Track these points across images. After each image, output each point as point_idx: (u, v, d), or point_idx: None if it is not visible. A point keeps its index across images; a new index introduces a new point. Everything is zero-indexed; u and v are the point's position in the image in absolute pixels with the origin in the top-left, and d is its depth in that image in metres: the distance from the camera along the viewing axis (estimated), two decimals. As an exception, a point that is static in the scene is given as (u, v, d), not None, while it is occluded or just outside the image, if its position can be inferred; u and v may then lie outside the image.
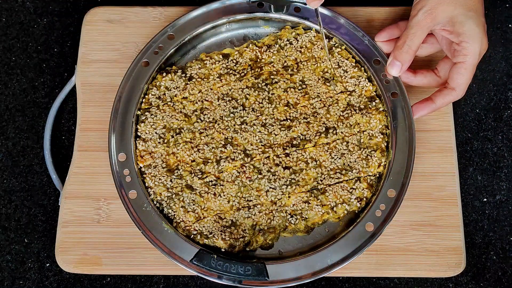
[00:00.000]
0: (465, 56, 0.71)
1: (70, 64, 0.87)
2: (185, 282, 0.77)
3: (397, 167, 0.74)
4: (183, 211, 0.72)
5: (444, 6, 0.70)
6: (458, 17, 0.70)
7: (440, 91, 0.74)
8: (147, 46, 0.79)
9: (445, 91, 0.74)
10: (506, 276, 0.78)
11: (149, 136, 0.75)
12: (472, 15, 0.70)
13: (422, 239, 0.75)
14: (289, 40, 0.80)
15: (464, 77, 0.72)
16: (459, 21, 0.70)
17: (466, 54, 0.70)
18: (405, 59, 0.73)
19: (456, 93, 0.73)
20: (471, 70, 0.71)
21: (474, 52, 0.70)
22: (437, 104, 0.74)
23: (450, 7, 0.70)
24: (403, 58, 0.73)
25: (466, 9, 0.70)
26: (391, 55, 0.74)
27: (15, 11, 0.90)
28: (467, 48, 0.70)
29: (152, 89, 0.78)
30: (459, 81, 0.72)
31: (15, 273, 0.77)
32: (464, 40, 0.70)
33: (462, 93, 0.73)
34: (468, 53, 0.70)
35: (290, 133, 0.75)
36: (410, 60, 0.73)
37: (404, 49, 0.72)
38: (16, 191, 0.81)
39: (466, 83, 0.73)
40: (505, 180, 0.81)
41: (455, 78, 0.72)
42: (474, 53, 0.70)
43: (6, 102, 0.85)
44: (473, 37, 0.70)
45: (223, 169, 0.74)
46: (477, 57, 0.71)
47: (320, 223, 0.74)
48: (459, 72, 0.72)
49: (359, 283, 0.77)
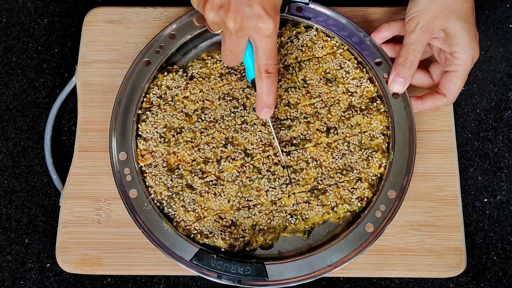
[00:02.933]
0: (457, 65, 0.72)
1: (71, 64, 0.87)
2: (186, 282, 0.77)
3: (398, 168, 0.74)
4: (183, 211, 0.72)
5: (439, 20, 0.71)
6: (451, 29, 0.71)
7: (432, 95, 0.75)
8: (148, 45, 0.79)
9: (436, 96, 0.75)
10: (506, 277, 0.78)
11: (150, 135, 0.76)
12: (465, 26, 0.71)
13: (422, 239, 0.75)
14: (290, 38, 0.80)
15: (456, 85, 0.73)
16: (452, 33, 0.71)
17: (459, 64, 0.72)
18: (409, 75, 0.74)
19: (447, 100, 0.74)
20: (462, 79, 0.73)
21: (467, 61, 0.72)
22: (425, 106, 0.76)
23: (444, 20, 0.71)
24: (407, 74, 0.74)
25: (459, 20, 0.71)
26: (392, 73, 0.75)
27: (15, 12, 0.90)
28: (460, 58, 0.71)
29: (153, 88, 0.78)
30: (451, 89, 0.73)
31: (15, 273, 0.77)
32: (456, 50, 0.71)
33: (452, 100, 0.75)
34: (461, 63, 0.72)
35: (290, 133, 0.76)
36: (413, 75, 0.74)
37: (407, 65, 0.73)
38: (16, 191, 0.81)
39: (458, 90, 0.74)
40: (505, 181, 0.81)
41: (447, 86, 0.73)
42: (467, 62, 0.72)
43: (6, 102, 0.85)
44: (465, 47, 0.71)
45: (224, 168, 0.74)
46: (469, 67, 0.72)
47: (320, 223, 0.74)
48: (451, 80, 0.73)
49: (359, 283, 0.77)
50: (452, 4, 0.71)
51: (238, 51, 0.67)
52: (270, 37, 0.65)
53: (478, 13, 0.89)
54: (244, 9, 0.63)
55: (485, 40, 0.89)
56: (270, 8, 0.64)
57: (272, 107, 0.70)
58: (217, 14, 0.64)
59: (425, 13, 0.71)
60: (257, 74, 0.68)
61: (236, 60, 0.69)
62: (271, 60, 0.67)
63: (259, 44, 0.66)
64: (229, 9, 0.63)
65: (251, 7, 0.63)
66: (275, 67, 0.68)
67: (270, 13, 0.64)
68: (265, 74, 0.67)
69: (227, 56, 0.68)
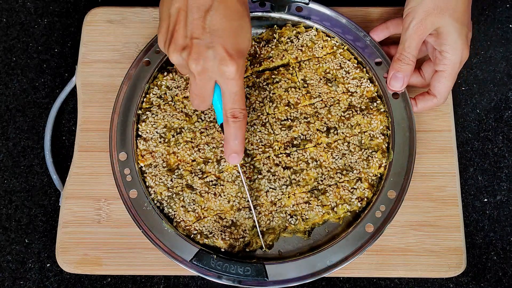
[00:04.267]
0: (445, 65, 0.72)
1: (71, 64, 0.87)
2: (186, 282, 0.77)
3: (398, 168, 0.74)
4: (184, 211, 0.72)
5: (432, 17, 0.71)
6: (443, 28, 0.71)
7: (423, 96, 0.76)
8: (149, 45, 0.79)
9: (427, 96, 0.75)
10: (506, 277, 0.78)
11: (150, 135, 0.75)
12: (456, 26, 0.71)
13: (422, 239, 0.75)
14: (290, 38, 0.80)
15: (444, 85, 0.73)
16: (444, 32, 0.71)
17: (446, 64, 0.72)
18: (406, 70, 0.74)
19: (437, 100, 0.75)
20: (451, 79, 0.73)
21: (454, 62, 0.72)
22: (418, 107, 0.76)
23: (437, 18, 0.71)
24: (404, 69, 0.74)
25: (452, 19, 0.71)
26: (391, 70, 0.75)
27: (15, 12, 0.90)
28: (448, 58, 0.72)
29: (153, 89, 0.78)
30: (440, 89, 0.74)
31: (15, 273, 0.77)
32: (445, 50, 0.72)
33: (443, 100, 0.75)
34: (448, 63, 0.72)
35: (291, 133, 0.75)
36: (411, 71, 0.74)
37: (404, 60, 0.73)
38: (16, 191, 0.81)
39: (447, 91, 0.74)
40: (505, 181, 0.81)
41: (436, 85, 0.74)
42: (454, 63, 0.72)
43: (6, 102, 0.85)
44: (454, 48, 0.71)
45: (224, 169, 0.74)
46: (457, 67, 0.72)
47: (320, 224, 0.74)
48: (439, 80, 0.73)
49: (359, 283, 0.77)
50: (446, 1, 0.71)
51: (204, 95, 0.65)
52: (234, 80, 0.63)
53: (478, 13, 0.89)
54: (206, 51, 0.61)
55: (485, 40, 0.89)
56: (234, 50, 0.62)
57: (240, 153, 0.67)
58: (181, 56, 0.63)
59: (418, 9, 0.71)
60: (224, 118, 0.66)
61: (204, 104, 0.66)
62: (237, 104, 0.65)
63: (224, 87, 0.64)
64: (191, 51, 0.62)
65: (214, 49, 0.61)
66: (242, 111, 0.65)
67: (233, 56, 0.62)
68: (232, 119, 0.65)
69: (194, 99, 0.66)
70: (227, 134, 0.66)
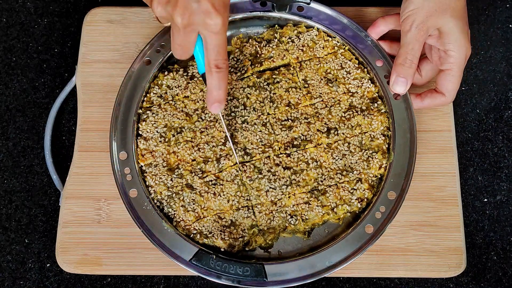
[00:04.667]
0: (451, 64, 0.72)
1: (71, 64, 0.87)
2: (186, 282, 0.77)
3: (398, 169, 0.74)
4: (183, 210, 0.72)
5: (433, 18, 0.71)
6: (444, 27, 0.71)
7: (431, 93, 0.76)
8: (149, 44, 0.79)
9: (435, 94, 0.75)
10: (506, 277, 0.78)
11: (150, 134, 0.75)
12: (458, 24, 0.71)
13: (422, 239, 0.75)
14: (291, 38, 0.80)
15: (452, 83, 0.73)
16: (446, 31, 0.71)
17: (453, 62, 0.72)
18: (410, 74, 0.74)
19: (446, 98, 0.75)
20: (458, 76, 0.73)
21: (460, 59, 0.72)
22: (424, 104, 0.76)
23: (439, 18, 0.71)
24: (407, 73, 0.74)
25: (453, 17, 0.71)
26: (393, 74, 0.75)
27: (15, 12, 0.90)
28: (453, 56, 0.72)
29: (154, 88, 0.78)
30: (448, 87, 0.74)
31: (15, 273, 0.77)
32: (450, 48, 0.72)
33: (451, 99, 0.75)
34: (454, 61, 0.72)
35: (291, 133, 0.75)
36: (413, 74, 0.74)
37: (407, 64, 0.73)
38: (16, 191, 0.81)
39: (455, 88, 0.74)
40: (505, 181, 0.81)
41: (444, 84, 0.74)
42: (460, 60, 0.72)
43: (6, 102, 0.85)
44: (458, 46, 0.71)
45: (223, 167, 0.74)
46: (463, 64, 0.73)
47: (320, 224, 0.74)
48: (447, 79, 0.73)
49: (359, 283, 0.77)
50: (446, 2, 0.71)
51: (187, 46, 0.67)
52: (219, 33, 0.65)
53: (478, 13, 0.89)
54: (192, 5, 0.63)
55: (485, 40, 0.89)
56: (219, 4, 0.64)
57: (223, 101, 0.70)
58: (165, 9, 0.64)
59: (419, 12, 0.71)
60: (207, 69, 0.68)
61: (186, 54, 0.68)
62: (220, 55, 0.67)
63: (209, 40, 0.66)
64: (177, 5, 0.63)
65: (199, 3, 0.63)
66: (225, 63, 0.68)
67: (218, 10, 0.63)
68: (215, 69, 0.67)
69: (176, 49, 0.68)
70: (210, 84, 0.68)
